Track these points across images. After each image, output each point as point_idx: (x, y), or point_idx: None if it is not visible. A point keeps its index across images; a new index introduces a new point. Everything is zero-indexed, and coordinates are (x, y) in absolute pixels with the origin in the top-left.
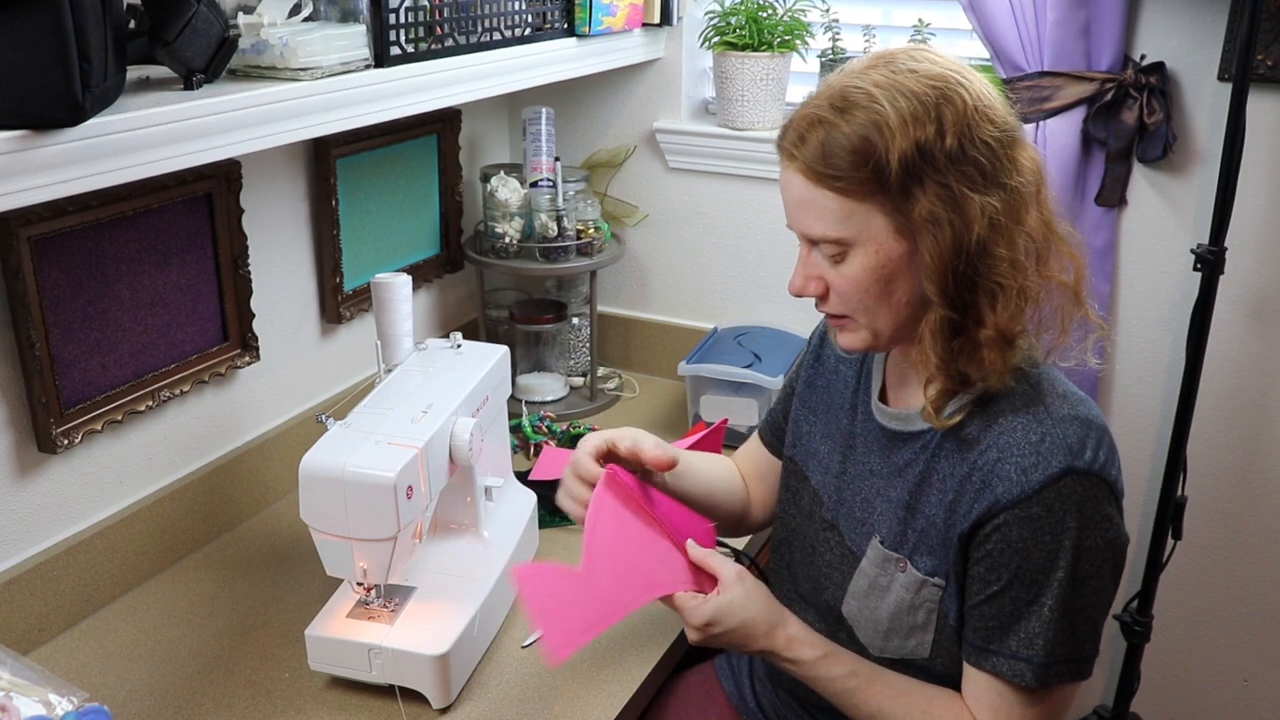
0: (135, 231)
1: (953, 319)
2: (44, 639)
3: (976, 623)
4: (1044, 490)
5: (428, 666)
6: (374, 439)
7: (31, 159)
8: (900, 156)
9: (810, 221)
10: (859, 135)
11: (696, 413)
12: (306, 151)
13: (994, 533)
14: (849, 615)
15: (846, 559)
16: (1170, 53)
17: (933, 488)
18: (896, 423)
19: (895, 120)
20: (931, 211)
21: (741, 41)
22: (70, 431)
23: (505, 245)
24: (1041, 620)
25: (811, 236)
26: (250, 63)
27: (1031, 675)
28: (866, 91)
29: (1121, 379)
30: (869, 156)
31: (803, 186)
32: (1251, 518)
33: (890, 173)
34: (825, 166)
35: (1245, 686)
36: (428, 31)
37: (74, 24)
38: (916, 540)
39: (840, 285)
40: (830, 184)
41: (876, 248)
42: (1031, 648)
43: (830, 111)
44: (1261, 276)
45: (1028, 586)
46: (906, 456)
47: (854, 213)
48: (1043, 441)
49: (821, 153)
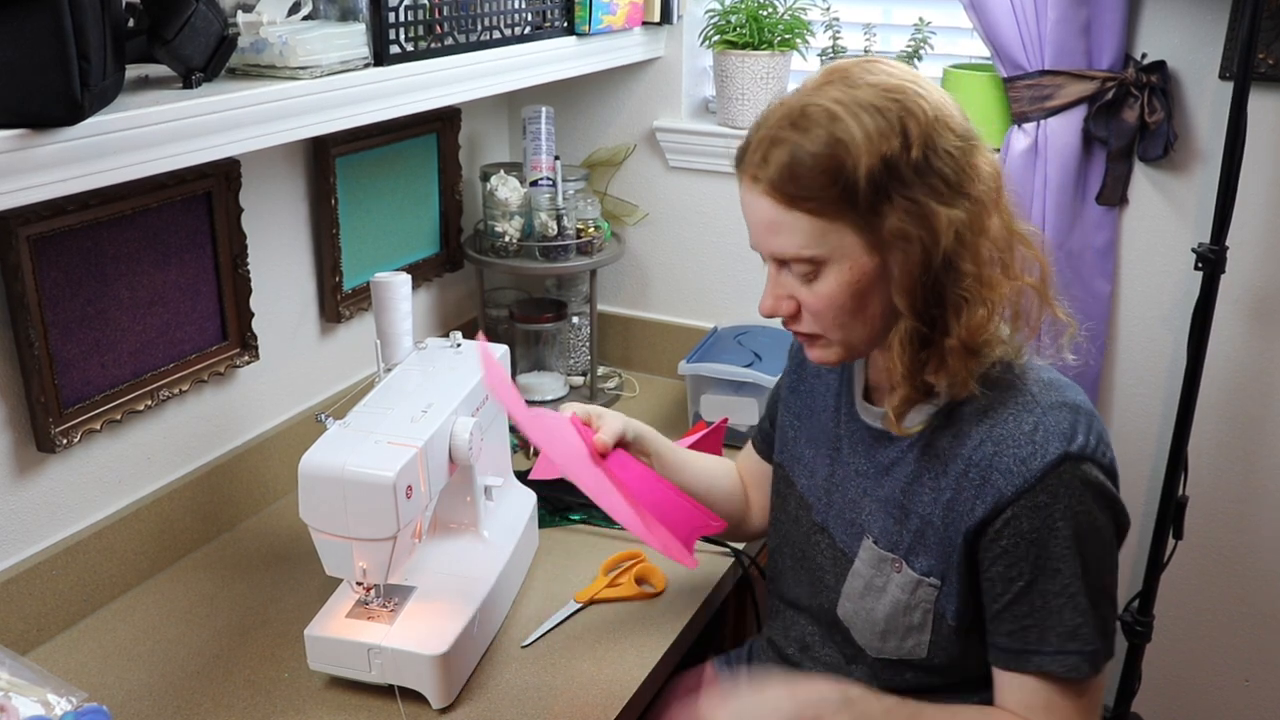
0: (134, 231)
1: (921, 331)
2: (43, 639)
3: (1009, 626)
4: (1046, 477)
5: (427, 666)
6: (373, 438)
7: (30, 158)
8: (868, 173)
9: (781, 243)
10: (825, 153)
11: (697, 412)
12: (306, 150)
13: (1004, 528)
14: (844, 617)
15: (839, 561)
16: (1171, 51)
17: (925, 486)
18: (883, 421)
19: (860, 136)
20: (900, 228)
21: (742, 40)
22: (69, 431)
23: (505, 244)
24: (1078, 609)
25: (784, 258)
26: (249, 61)
27: (1087, 665)
28: (826, 109)
29: (1122, 378)
30: (837, 174)
31: (770, 209)
32: (1253, 517)
33: (859, 190)
34: (794, 188)
35: (1247, 687)
36: (427, 30)
37: (73, 23)
38: (912, 540)
39: (814, 304)
40: (800, 205)
41: (850, 264)
42: (1077, 638)
43: (790, 130)
44: (1263, 276)
45: (1052, 577)
46: (894, 454)
47: (827, 232)
48: (1036, 430)
49: (789, 174)
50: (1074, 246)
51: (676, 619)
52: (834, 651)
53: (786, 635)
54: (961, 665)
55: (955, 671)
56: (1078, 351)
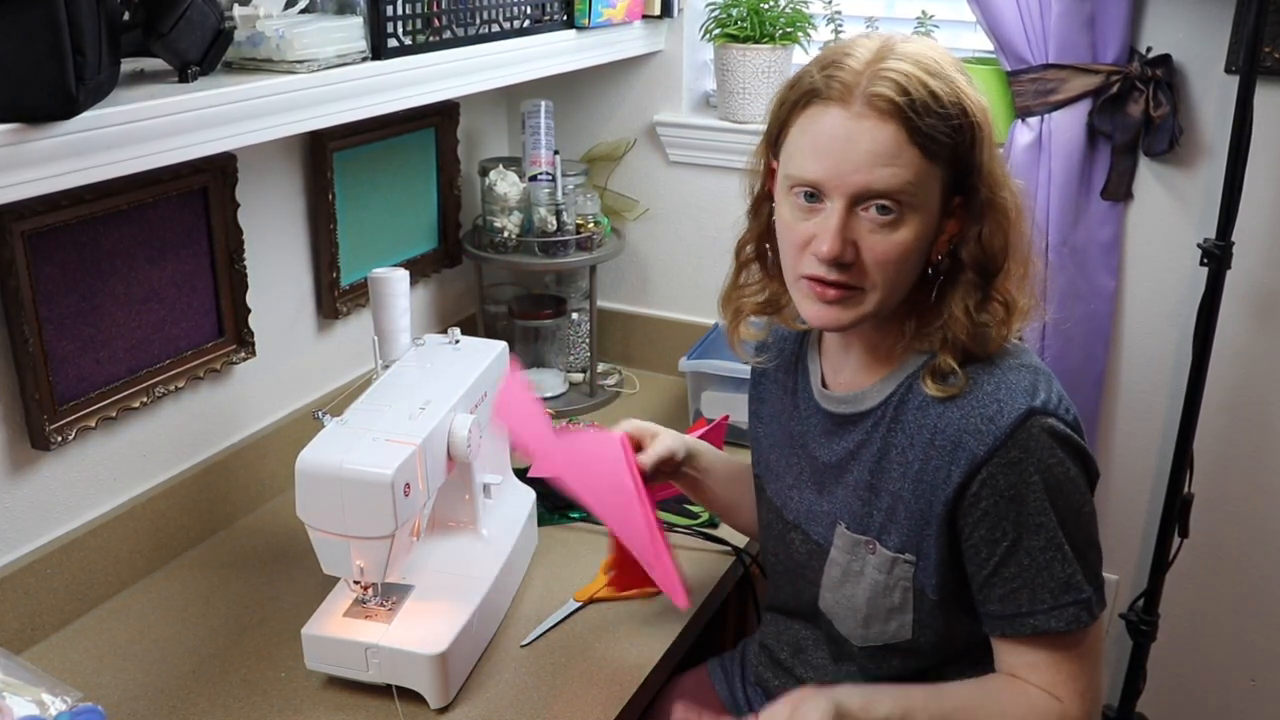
0: (130, 226)
1: (982, 287)
2: (37, 638)
3: (1000, 590)
4: (1015, 433)
5: (426, 666)
6: (371, 436)
7: (24, 152)
8: (975, 135)
9: (888, 176)
10: (955, 103)
11: (697, 409)
12: (303, 145)
13: (981, 489)
14: (826, 609)
15: (815, 554)
16: (1176, 45)
17: (893, 462)
18: (845, 405)
19: (977, 101)
20: (991, 189)
21: (743, 34)
22: (64, 428)
23: (504, 240)
24: (1066, 559)
25: (879, 191)
26: (246, 55)
27: (1085, 613)
28: (952, 61)
29: (1127, 375)
30: (960, 127)
31: (892, 137)
32: (1259, 515)
33: (970, 150)
34: (927, 125)
35: (1253, 686)
36: (425, 23)
37: (68, 16)
38: (884, 519)
39: (885, 252)
40: (924, 141)
41: (927, 217)
42: (1070, 589)
43: (924, 73)
44: (1269, 272)
45: (1035, 532)
46: (858, 437)
47: (928, 179)
48: (999, 389)
49: (925, 108)
50: (1078, 242)
51: (676, 619)
52: (824, 651)
53: (779, 639)
54: (948, 643)
55: (941, 651)
56: (1028, 336)
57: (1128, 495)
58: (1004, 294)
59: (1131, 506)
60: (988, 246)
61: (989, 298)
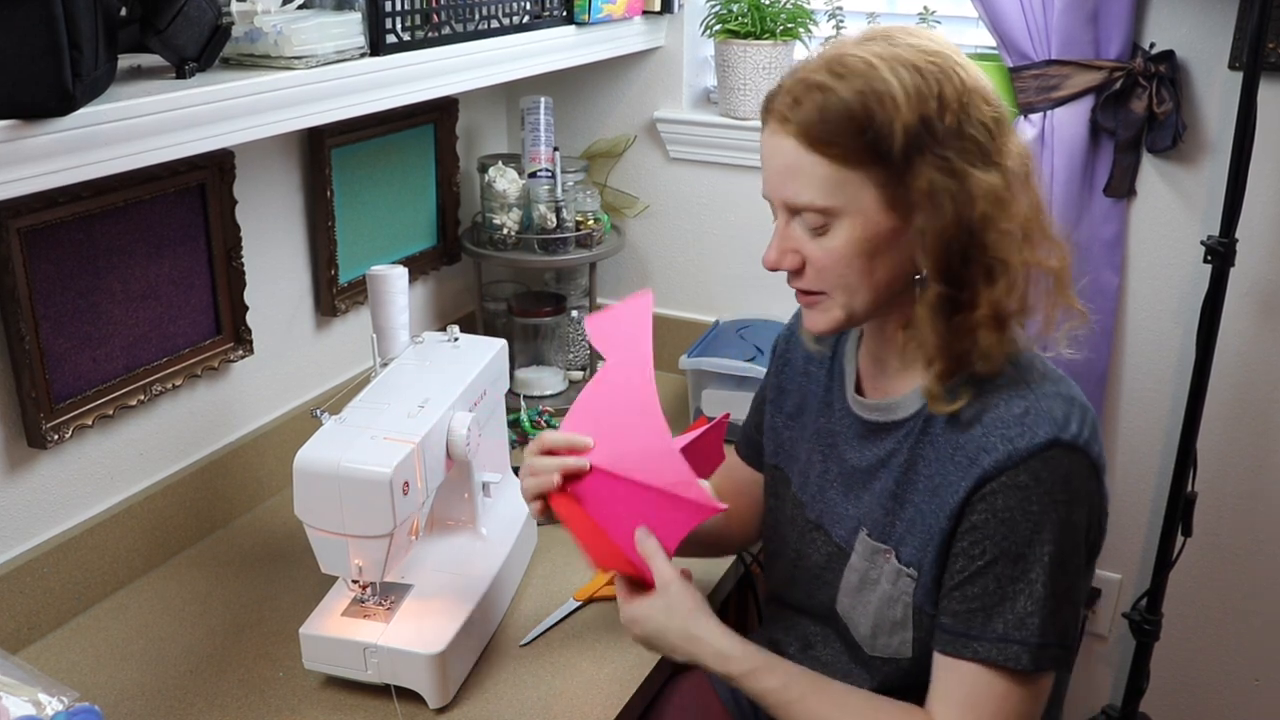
0: (127, 223)
1: (949, 296)
2: (34, 637)
3: (957, 605)
4: (1031, 459)
5: (424, 665)
6: (369, 434)
7: (21, 149)
8: (905, 129)
9: (797, 188)
10: (860, 103)
11: (698, 407)
12: (301, 141)
13: (979, 503)
14: (843, 614)
15: (835, 557)
16: (1180, 41)
17: (919, 474)
18: (877, 413)
19: (899, 92)
20: (932, 184)
21: (744, 29)
22: (60, 426)
23: (503, 237)
24: (1034, 599)
25: (796, 205)
26: (244, 51)
27: (1028, 657)
28: (866, 60)
29: (1130, 373)
30: (868, 125)
31: (793, 151)
32: (1262, 514)
33: (893, 145)
34: (822, 131)
35: (1256, 686)
36: (424, 19)
37: (64, 11)
38: (904, 530)
39: (821, 259)
40: (824, 150)
41: (863, 220)
42: (1024, 628)
43: (828, 77)
44: (1273, 269)
45: (1014, 561)
46: (889, 446)
47: (845, 182)
48: (1027, 414)
49: (819, 117)
50: (1081, 239)
51: None
52: (836, 650)
53: (788, 634)
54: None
55: None
56: (1076, 346)
57: (1131, 494)
58: (989, 303)
59: (1134, 505)
60: (943, 246)
61: (965, 306)
